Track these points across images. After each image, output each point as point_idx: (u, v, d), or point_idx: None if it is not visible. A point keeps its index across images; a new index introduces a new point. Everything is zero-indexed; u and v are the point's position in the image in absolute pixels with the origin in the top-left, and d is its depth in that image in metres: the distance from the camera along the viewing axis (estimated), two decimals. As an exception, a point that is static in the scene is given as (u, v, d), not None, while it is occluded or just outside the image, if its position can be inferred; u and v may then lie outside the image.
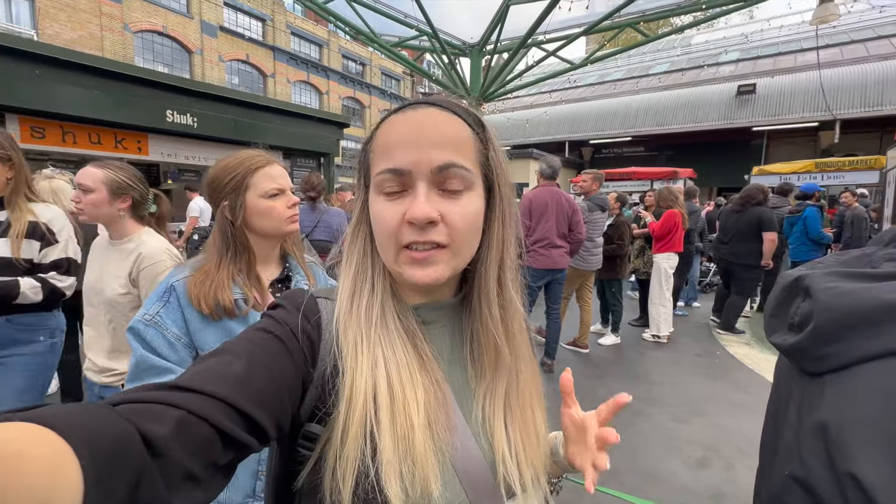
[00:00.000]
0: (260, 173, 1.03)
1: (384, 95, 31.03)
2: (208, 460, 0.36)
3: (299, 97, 24.69)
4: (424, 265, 0.47)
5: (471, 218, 0.48)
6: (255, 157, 1.05)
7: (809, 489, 0.40)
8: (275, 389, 0.43)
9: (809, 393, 0.44)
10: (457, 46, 10.87)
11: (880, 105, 11.98)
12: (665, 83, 17.10)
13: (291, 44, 24.42)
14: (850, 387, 0.39)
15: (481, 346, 0.53)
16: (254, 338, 0.46)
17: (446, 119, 0.48)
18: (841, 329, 0.41)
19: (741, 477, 2.40)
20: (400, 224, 0.46)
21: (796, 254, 5.53)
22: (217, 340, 0.92)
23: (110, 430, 0.29)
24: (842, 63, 13.39)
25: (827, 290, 0.43)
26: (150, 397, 0.35)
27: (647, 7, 9.21)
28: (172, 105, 5.27)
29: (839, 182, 9.65)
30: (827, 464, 0.38)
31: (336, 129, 7.45)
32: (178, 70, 18.77)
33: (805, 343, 0.44)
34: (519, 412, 0.54)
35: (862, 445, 0.35)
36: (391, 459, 0.44)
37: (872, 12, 16.30)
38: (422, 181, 0.46)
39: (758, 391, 3.54)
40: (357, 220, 0.54)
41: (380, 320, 0.50)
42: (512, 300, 0.54)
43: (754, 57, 16.55)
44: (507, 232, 0.52)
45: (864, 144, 12.72)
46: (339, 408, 0.46)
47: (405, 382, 0.47)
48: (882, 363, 0.37)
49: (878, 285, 0.40)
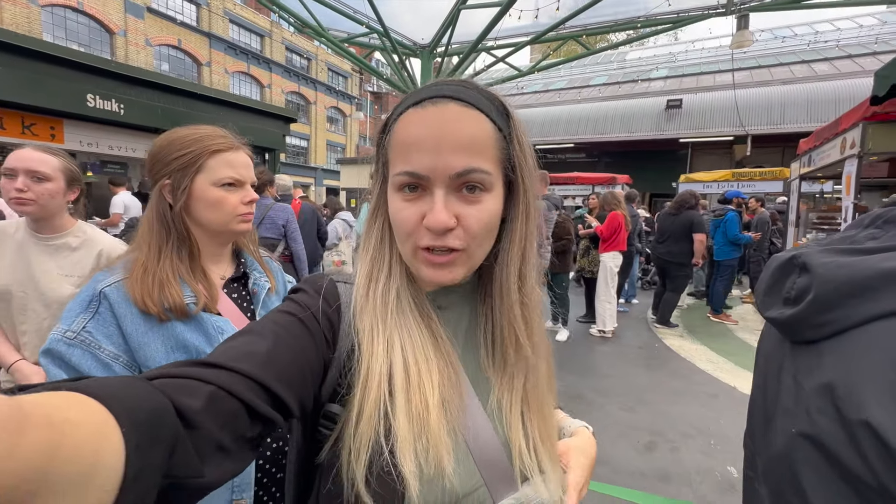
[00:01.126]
0: (220, 158, 0.87)
1: (331, 92, 30.14)
2: (237, 433, 0.38)
3: (238, 89, 23.27)
4: (440, 268, 0.48)
5: (487, 220, 0.48)
6: (218, 137, 0.90)
7: (818, 443, 0.43)
8: (298, 369, 0.44)
9: (807, 360, 0.48)
10: (407, 47, 10.82)
11: (783, 123, 13.62)
12: (604, 94, 18.22)
13: (230, 32, 22.98)
14: (852, 346, 0.43)
15: (501, 338, 0.53)
16: (278, 319, 0.47)
17: (467, 117, 0.46)
18: (839, 297, 0.45)
19: (685, 458, 2.60)
20: (417, 226, 0.47)
21: (719, 254, 6.11)
22: (166, 353, 0.78)
23: (147, 402, 0.31)
24: (751, 85, 15.05)
25: (824, 265, 0.47)
26: (184, 373, 0.37)
27: (588, 22, 9.77)
28: (94, 89, 4.73)
29: (751, 190, 10.81)
30: (835, 417, 0.41)
31: (282, 123, 7.09)
32: (97, 51, 16.92)
33: (804, 313, 0.48)
34: (537, 406, 0.55)
35: (871, 394, 0.39)
36: (406, 437, 0.45)
37: (776, 41, 18.52)
38: (440, 187, 0.46)
39: (692, 378, 3.86)
40: (374, 207, 0.54)
41: (395, 304, 0.51)
42: (533, 293, 0.54)
43: (680, 75, 18.11)
44: (529, 227, 0.52)
45: (769, 157, 14.37)
46: (355, 389, 0.48)
47: (420, 364, 0.48)
48: (881, 323, 0.41)
49: (871, 257, 0.45)
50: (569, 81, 20.59)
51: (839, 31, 18.26)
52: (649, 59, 21.66)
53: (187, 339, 0.80)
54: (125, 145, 5.28)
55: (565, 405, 0.59)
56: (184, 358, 0.79)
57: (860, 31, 17.58)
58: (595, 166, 16.58)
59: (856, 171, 4.08)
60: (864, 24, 18.19)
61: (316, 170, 27.98)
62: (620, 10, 9.57)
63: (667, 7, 8.73)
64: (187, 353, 0.80)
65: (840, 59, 15.24)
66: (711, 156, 16.00)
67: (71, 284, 1.27)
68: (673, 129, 15.37)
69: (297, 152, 27.41)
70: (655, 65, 20.19)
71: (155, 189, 0.87)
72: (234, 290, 0.97)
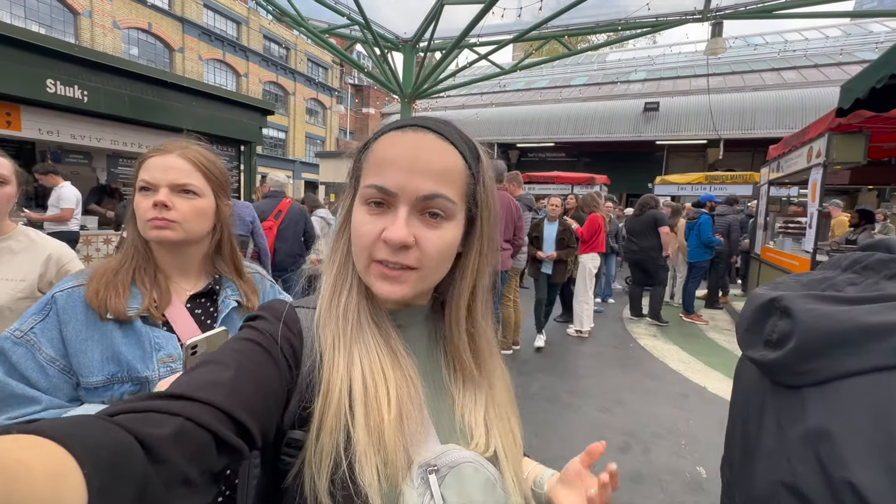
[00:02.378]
0: (146, 164, 0.87)
1: (311, 83, 29.49)
2: (204, 466, 0.37)
3: (214, 77, 22.49)
4: (392, 282, 0.49)
5: (444, 247, 0.50)
6: (162, 145, 0.90)
7: (801, 495, 0.43)
8: (261, 397, 0.44)
9: (789, 404, 0.48)
10: (389, 40, 10.66)
11: (753, 128, 14.12)
12: (584, 95, 18.46)
13: (204, 17, 22.15)
14: (835, 399, 0.43)
15: (456, 361, 0.57)
16: (239, 347, 0.47)
17: (442, 148, 0.49)
18: (822, 347, 0.45)
19: (656, 458, 2.66)
20: (376, 240, 0.48)
21: (693, 255, 6.30)
22: (101, 363, 0.78)
23: (109, 439, 0.30)
24: (725, 90, 15.53)
25: (808, 311, 0.47)
26: (147, 406, 0.36)
27: (571, 22, 9.87)
28: (54, 73, 4.47)
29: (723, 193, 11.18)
30: (818, 471, 0.41)
31: (259, 115, 6.87)
32: (59, 33, 16.02)
33: (787, 359, 0.48)
34: (497, 420, 0.57)
35: (854, 453, 0.39)
36: (366, 451, 0.45)
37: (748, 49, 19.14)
38: (404, 205, 0.48)
39: (665, 378, 3.97)
40: (343, 220, 0.55)
41: (355, 319, 0.52)
42: (478, 325, 0.57)
43: (658, 78, 18.53)
44: (482, 263, 0.55)
45: (740, 161, 14.90)
46: (316, 401, 0.48)
47: (377, 379, 0.49)
48: (864, 378, 0.41)
49: (853, 308, 0.45)
50: (550, 81, 20.77)
51: (807, 41, 19.03)
52: (629, 62, 22.06)
53: (122, 351, 0.79)
54: (89, 134, 5.01)
55: (543, 407, 0.59)
56: (116, 371, 0.79)
57: (826, 42, 18.38)
58: (574, 166, 16.82)
59: (821, 179, 4.25)
60: (830, 36, 19.01)
61: (294, 162, 27.39)
62: (602, 12, 9.71)
63: (646, 11, 8.90)
64: (118, 367, 0.79)
65: (807, 68, 15.89)
66: (686, 158, 16.46)
67: (12, 289, 1.21)
68: (650, 131, 15.73)
69: (274, 144, 26.74)
70: (634, 67, 20.58)
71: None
72: (199, 305, 0.93)
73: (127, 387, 0.79)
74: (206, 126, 6.04)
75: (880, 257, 0.48)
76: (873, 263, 0.49)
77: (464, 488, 0.47)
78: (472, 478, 0.49)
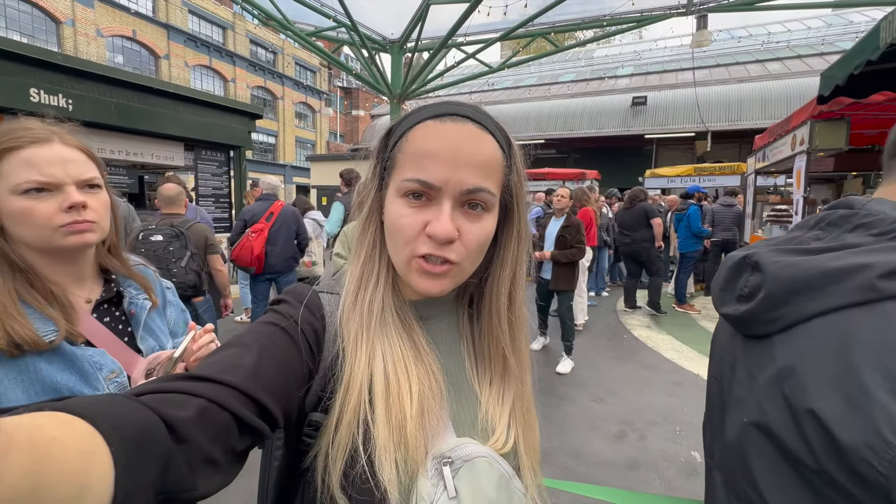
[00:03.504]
0: (15, 158, 0.70)
1: (299, 87, 29.37)
2: (227, 446, 0.38)
3: (200, 83, 22.32)
4: (434, 278, 0.49)
5: (484, 240, 0.50)
6: (18, 131, 0.72)
7: (768, 431, 0.46)
8: (283, 379, 0.44)
9: (758, 353, 0.51)
10: (377, 41, 10.66)
11: (739, 119, 14.28)
12: (572, 91, 18.55)
13: (189, 23, 21.98)
14: (799, 340, 0.46)
15: (489, 354, 0.56)
16: (262, 330, 0.47)
17: (483, 139, 0.49)
18: (788, 294, 0.48)
19: (652, 445, 2.69)
20: (419, 233, 0.48)
21: (683, 246, 6.36)
22: (25, 392, 0.67)
23: (135, 418, 0.30)
24: (711, 83, 15.68)
25: (775, 263, 0.51)
26: (171, 387, 0.37)
27: (557, 19, 9.93)
28: (38, 83, 4.43)
29: (712, 184, 11.30)
30: (784, 406, 0.44)
31: (248, 119, 6.86)
32: (42, 42, 15.83)
33: (756, 310, 0.51)
34: (523, 418, 0.57)
35: (814, 385, 0.42)
36: (386, 446, 0.45)
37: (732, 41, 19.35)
38: (448, 199, 0.47)
39: (659, 367, 4.01)
40: (368, 212, 0.54)
41: (379, 313, 0.51)
42: (520, 314, 0.57)
43: (645, 72, 18.66)
44: (521, 251, 0.55)
45: (728, 153, 15.05)
46: (337, 395, 0.48)
47: (400, 374, 0.49)
48: (825, 317, 0.44)
49: (816, 257, 0.48)
50: (538, 78, 20.84)
51: (790, 32, 19.27)
52: (616, 57, 22.20)
53: (57, 380, 0.70)
54: (75, 143, 4.95)
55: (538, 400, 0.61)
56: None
57: (808, 33, 18.62)
58: (564, 162, 16.88)
59: (805, 166, 4.32)
60: (812, 27, 19.26)
61: (285, 167, 27.24)
62: (587, 9, 9.80)
63: (631, 6, 8.97)
64: (57, 394, 0.70)
65: (790, 58, 16.09)
66: (675, 151, 16.60)
67: None
68: (639, 125, 15.85)
69: (264, 149, 26.59)
70: (621, 62, 20.71)
71: None
72: (105, 312, 0.85)
73: None
74: (194, 132, 6.01)
75: (842, 213, 0.51)
76: (835, 219, 0.52)
77: (477, 482, 0.47)
78: (487, 472, 0.49)
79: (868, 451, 0.36)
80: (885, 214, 0.47)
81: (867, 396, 0.38)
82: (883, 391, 0.37)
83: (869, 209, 0.49)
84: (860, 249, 0.45)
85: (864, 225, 0.48)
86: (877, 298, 0.41)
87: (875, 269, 0.41)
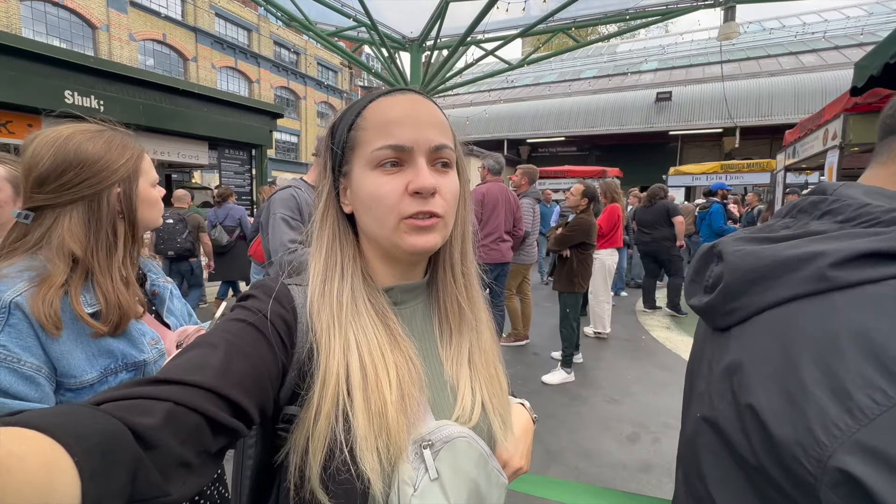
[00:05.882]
0: (146, 158, 0.91)
1: (321, 87, 29.82)
2: (200, 447, 0.37)
3: (226, 84, 22.95)
4: (425, 232, 0.50)
5: (457, 192, 0.54)
6: (126, 135, 0.89)
7: (716, 426, 0.44)
8: (256, 375, 0.44)
9: (719, 346, 0.49)
10: (396, 40, 10.70)
11: (770, 115, 13.73)
12: (594, 87, 18.22)
13: (216, 26, 22.62)
14: (750, 333, 0.44)
15: (446, 312, 0.58)
16: (229, 328, 0.46)
17: (431, 105, 0.53)
18: (745, 284, 0.45)
19: (666, 449, 2.63)
20: (402, 195, 0.49)
21: (706, 245, 6.17)
22: (88, 360, 0.76)
23: (97, 426, 0.30)
24: (740, 77, 15.12)
25: (735, 252, 0.48)
26: (133, 393, 0.36)
27: (578, 14, 9.74)
28: (72, 85, 4.65)
29: (739, 182, 10.91)
30: (731, 401, 0.42)
31: (269, 119, 7.02)
32: (79, 47, 16.58)
33: (715, 301, 0.49)
34: (483, 368, 0.58)
35: (757, 379, 0.40)
36: (366, 435, 0.45)
37: (764, 33, 18.60)
38: (421, 156, 0.50)
39: (678, 370, 3.90)
40: (325, 204, 0.55)
41: (350, 303, 0.52)
42: (471, 268, 0.60)
43: (670, 67, 18.16)
44: (467, 210, 0.59)
45: (758, 149, 14.50)
46: (313, 388, 0.48)
47: (377, 362, 0.49)
48: (777, 309, 0.42)
49: (775, 245, 0.45)
50: (559, 75, 20.56)
51: (826, 22, 18.39)
52: (639, 52, 21.67)
53: (111, 345, 0.79)
54: (106, 143, 5.18)
55: (551, 399, 0.62)
56: (109, 363, 0.78)
57: (847, 23, 17.72)
58: (586, 160, 16.62)
59: (837, 162, 4.11)
60: (851, 16, 18.33)
61: (307, 166, 27.75)
62: (610, 2, 9.53)
63: (655, -1, 8.72)
64: (111, 359, 0.79)
65: (827, 50, 15.35)
66: (701, 148, 16.10)
67: None
68: (663, 121, 15.43)
69: (287, 148, 27.14)
70: (645, 57, 20.21)
71: (99, 198, 0.82)
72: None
73: (123, 375, 0.80)
74: (216, 131, 6.19)
75: (813, 199, 0.48)
76: (806, 206, 0.49)
77: (458, 462, 0.48)
78: (466, 452, 0.50)
79: (798, 448, 0.35)
80: (852, 200, 0.44)
81: (803, 392, 0.36)
82: (819, 387, 0.35)
83: (839, 194, 0.46)
84: (818, 237, 0.43)
85: (830, 211, 0.45)
86: (826, 289, 0.39)
87: (827, 257, 0.39)
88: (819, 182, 0.52)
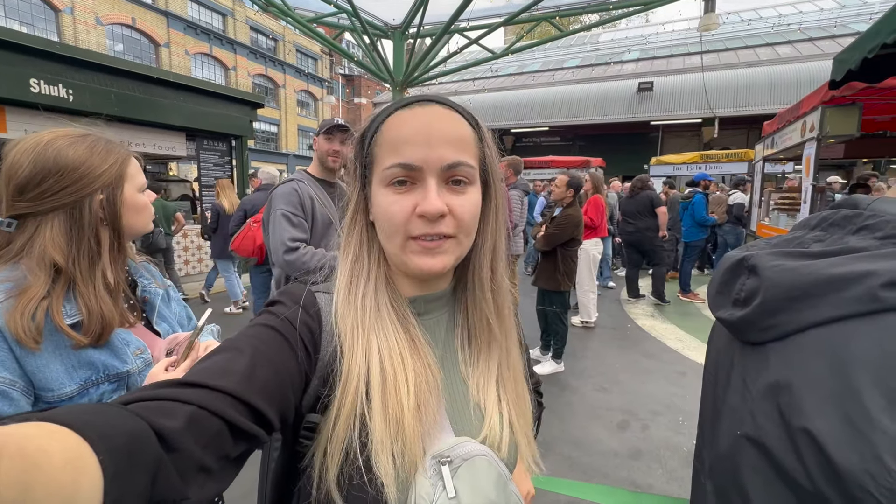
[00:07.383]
0: (133, 162, 0.87)
1: (300, 75, 29.09)
2: (220, 452, 0.37)
3: (201, 72, 22.14)
4: (434, 254, 0.49)
5: (474, 210, 0.51)
6: (111, 140, 0.85)
7: (762, 446, 0.44)
8: (279, 382, 0.44)
9: (754, 361, 0.49)
10: (378, 27, 10.47)
11: (748, 105, 14.02)
12: (577, 77, 18.26)
13: (189, 10, 21.72)
14: (796, 351, 0.43)
15: (475, 328, 0.57)
16: (256, 333, 0.47)
17: (452, 118, 0.51)
18: (785, 301, 0.45)
19: (655, 435, 2.70)
20: (409, 216, 0.48)
21: (687, 235, 6.30)
22: (67, 372, 0.73)
23: (124, 427, 0.30)
24: (719, 67, 15.36)
25: (773, 268, 0.48)
26: (160, 395, 0.36)
27: (561, 3, 9.71)
28: (38, 73, 4.40)
29: (718, 172, 11.16)
30: (779, 422, 0.42)
31: (249, 108, 6.80)
32: (41, 31, 15.71)
33: (752, 316, 0.49)
34: (512, 385, 0.58)
35: (811, 402, 0.40)
36: (383, 439, 0.45)
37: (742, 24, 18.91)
38: (431, 177, 0.48)
39: (664, 358, 4.01)
40: (353, 212, 0.55)
41: (374, 308, 0.52)
42: (502, 284, 0.58)
43: (651, 57, 18.31)
44: (499, 224, 0.57)
45: (735, 139, 14.83)
46: (335, 392, 0.48)
47: (396, 366, 0.49)
48: (823, 329, 0.42)
49: (816, 262, 0.45)
50: (543, 64, 20.52)
51: (801, 14, 18.79)
52: (621, 41, 21.78)
53: (92, 356, 0.76)
54: (77, 134, 4.94)
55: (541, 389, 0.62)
56: (89, 375, 0.76)
57: (821, 15, 18.14)
58: (569, 150, 16.70)
59: (815, 154, 4.23)
60: (825, 8, 18.76)
61: (287, 156, 27.16)
62: (593, -8, 9.54)
63: (637, -11, 8.74)
64: (93, 370, 0.76)
65: (801, 41, 15.71)
66: (681, 138, 16.38)
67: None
68: (644, 111, 15.61)
69: (267, 138, 26.49)
70: (627, 47, 20.32)
71: (81, 206, 0.78)
72: (124, 298, 0.91)
73: (104, 386, 0.78)
74: (193, 121, 5.97)
75: (845, 213, 0.48)
76: (839, 220, 0.49)
77: (477, 482, 0.47)
78: (486, 472, 0.49)
79: (867, 477, 0.34)
80: (890, 216, 0.44)
81: (868, 419, 0.35)
82: (886, 414, 0.35)
83: (874, 209, 0.46)
84: (863, 255, 0.42)
85: (868, 227, 0.45)
86: (879, 310, 0.38)
87: (878, 277, 0.38)
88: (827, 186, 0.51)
